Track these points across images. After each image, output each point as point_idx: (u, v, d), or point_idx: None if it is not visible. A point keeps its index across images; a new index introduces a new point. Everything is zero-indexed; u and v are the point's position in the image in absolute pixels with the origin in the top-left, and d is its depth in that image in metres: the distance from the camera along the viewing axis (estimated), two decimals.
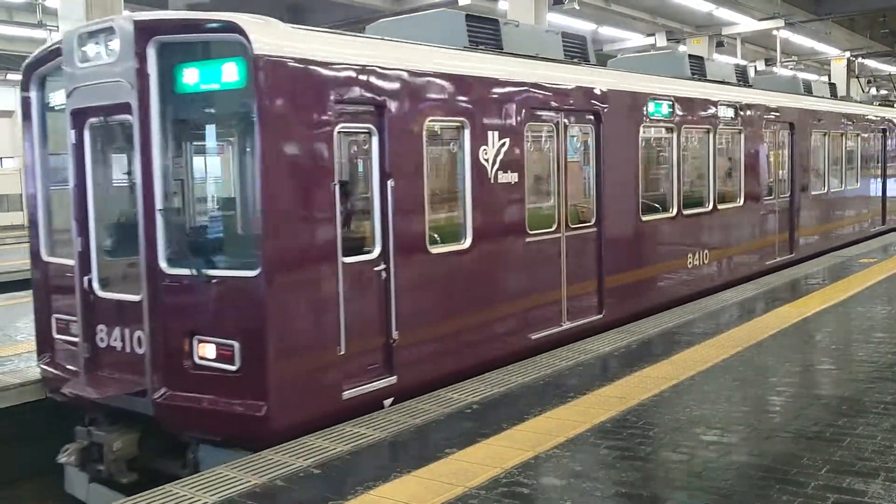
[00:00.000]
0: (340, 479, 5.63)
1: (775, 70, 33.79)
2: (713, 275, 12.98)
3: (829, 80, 31.16)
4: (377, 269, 7.41)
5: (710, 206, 12.92)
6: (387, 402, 7.42)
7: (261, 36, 6.46)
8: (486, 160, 8.54)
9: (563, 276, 9.67)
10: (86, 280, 7.47)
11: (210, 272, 6.76)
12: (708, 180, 12.90)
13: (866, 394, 7.12)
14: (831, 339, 9.21)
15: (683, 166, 12.17)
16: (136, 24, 6.81)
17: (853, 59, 37.61)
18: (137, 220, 6.89)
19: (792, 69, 40.31)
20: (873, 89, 48.56)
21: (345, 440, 6.38)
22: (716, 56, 29.93)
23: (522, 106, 9.00)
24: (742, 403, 6.99)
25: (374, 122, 7.40)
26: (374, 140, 7.42)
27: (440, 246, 8.11)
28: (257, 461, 6.01)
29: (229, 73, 6.62)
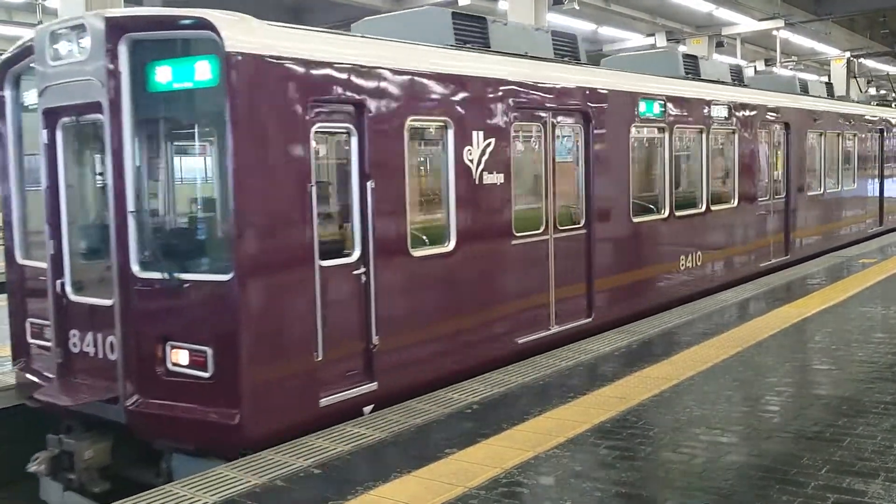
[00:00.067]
0: (340, 479, 5.62)
1: (775, 70, 33.63)
2: (706, 277, 12.81)
3: (829, 80, 30.97)
4: (356, 272, 7.23)
5: (704, 207, 12.74)
6: (367, 409, 7.25)
7: (233, 33, 6.29)
8: (471, 161, 8.36)
9: (552, 279, 9.50)
10: (58, 284, 7.31)
11: (183, 276, 6.59)
12: (701, 181, 12.72)
13: (866, 394, 7.14)
14: (831, 340, 9.19)
15: (676, 167, 12.00)
16: (107, 20, 6.64)
17: (853, 59, 37.44)
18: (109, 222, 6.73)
19: (792, 69, 40.15)
20: (872, 89, 48.40)
21: (345, 440, 6.37)
22: (716, 56, 29.78)
23: (508, 105, 8.82)
24: (742, 403, 7.00)
25: (353, 122, 7.22)
26: (354, 140, 7.25)
27: (423, 249, 7.93)
28: (257, 461, 5.98)
29: (202, 71, 6.45)
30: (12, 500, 8.58)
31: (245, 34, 6.42)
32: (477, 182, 8.43)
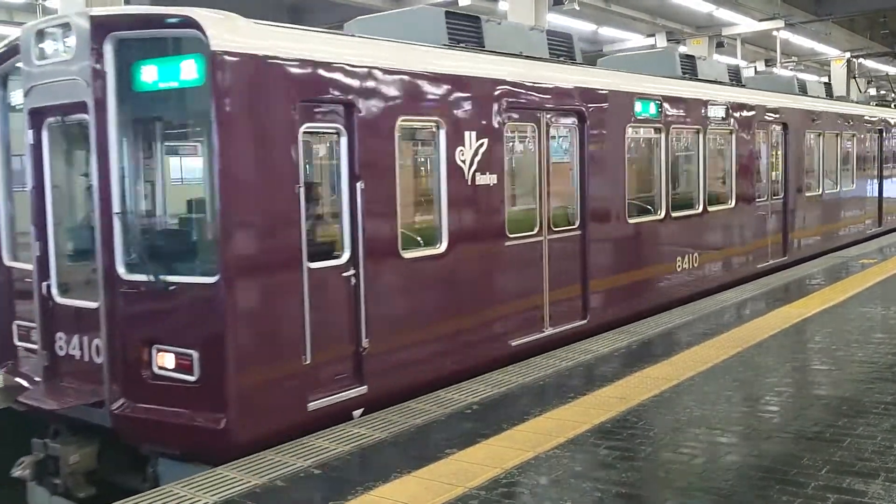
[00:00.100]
0: (340, 479, 5.61)
1: (774, 70, 33.54)
2: (703, 278, 12.71)
3: (829, 80, 30.88)
4: (345, 274, 7.13)
5: (701, 208, 12.64)
6: (356, 412, 7.15)
7: (219, 31, 6.19)
8: (463, 161, 8.26)
9: (546, 280, 9.40)
10: (44, 286, 7.23)
11: (169, 278, 6.50)
12: (698, 182, 12.62)
13: (866, 394, 7.13)
14: (831, 340, 9.16)
15: (672, 167, 11.90)
16: (92, 19, 6.55)
17: (853, 59, 37.33)
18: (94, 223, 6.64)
19: (792, 70, 40.05)
20: (872, 90, 48.28)
21: (345, 440, 6.36)
22: (716, 56, 29.68)
23: (502, 105, 8.73)
24: (742, 404, 6.99)
25: (343, 122, 7.13)
26: (343, 140, 7.15)
27: (414, 250, 7.84)
28: (257, 461, 5.96)
29: (188, 70, 6.36)
30: None
31: (231, 33, 6.32)
32: (469, 183, 8.34)
